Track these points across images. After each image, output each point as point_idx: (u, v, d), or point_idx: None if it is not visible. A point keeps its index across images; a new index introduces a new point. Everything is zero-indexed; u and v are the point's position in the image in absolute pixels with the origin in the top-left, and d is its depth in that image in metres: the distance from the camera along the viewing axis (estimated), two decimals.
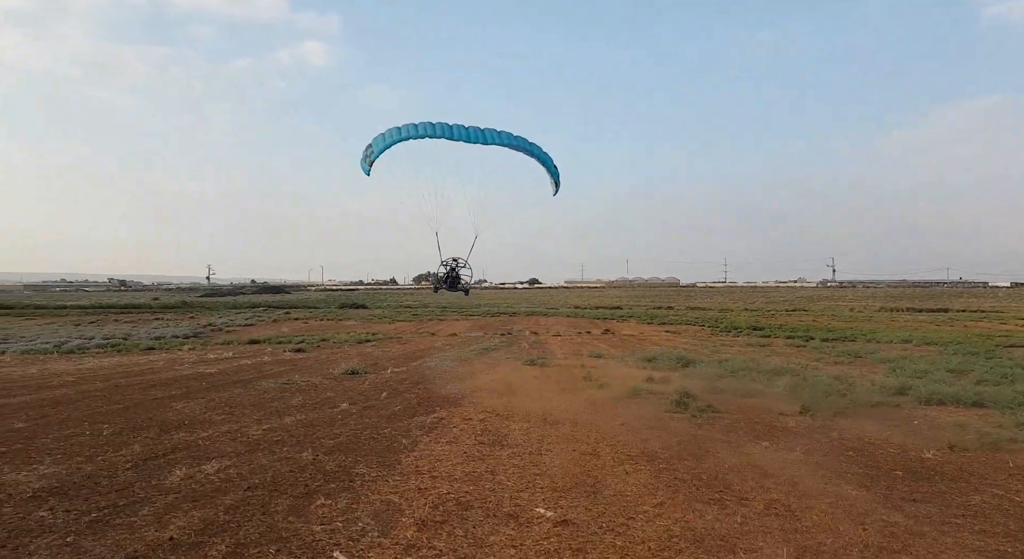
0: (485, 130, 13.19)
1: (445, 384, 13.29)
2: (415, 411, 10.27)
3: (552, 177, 14.76)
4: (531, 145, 13.99)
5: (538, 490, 6.17)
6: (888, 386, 12.43)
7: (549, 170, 14.59)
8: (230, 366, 16.59)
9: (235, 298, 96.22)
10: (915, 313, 57.97)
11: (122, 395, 11.80)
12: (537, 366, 16.75)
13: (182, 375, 14.76)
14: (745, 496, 6.04)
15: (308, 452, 7.53)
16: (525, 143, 13.78)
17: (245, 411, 10.21)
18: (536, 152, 14.12)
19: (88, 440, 8.13)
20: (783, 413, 10.33)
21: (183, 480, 6.39)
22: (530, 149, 13.97)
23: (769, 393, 12.09)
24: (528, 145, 13.90)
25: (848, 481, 6.56)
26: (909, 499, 6.00)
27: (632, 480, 6.54)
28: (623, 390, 12.41)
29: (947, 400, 11.20)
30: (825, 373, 14.64)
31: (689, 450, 7.83)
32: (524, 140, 13.76)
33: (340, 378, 14.12)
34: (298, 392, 12.14)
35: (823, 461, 7.38)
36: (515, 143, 13.59)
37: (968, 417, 9.97)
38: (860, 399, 11.16)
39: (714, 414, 10.16)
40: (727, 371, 14.78)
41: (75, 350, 21.78)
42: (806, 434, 8.83)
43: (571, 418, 9.77)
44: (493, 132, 13.27)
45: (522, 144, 13.71)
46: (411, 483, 6.35)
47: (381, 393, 12.03)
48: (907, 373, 15.09)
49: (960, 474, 6.87)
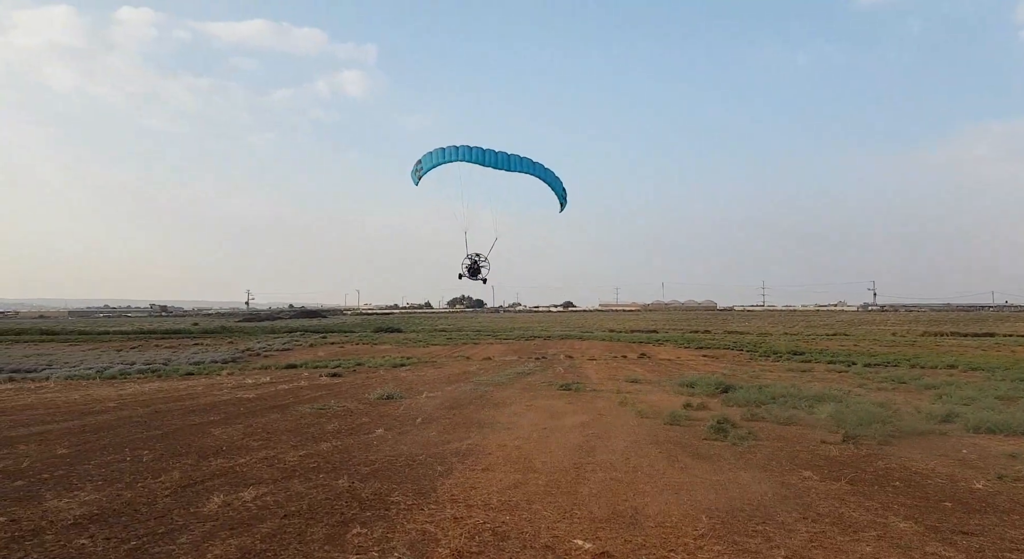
0: (510, 157, 15.62)
1: (480, 409, 13.28)
2: (450, 437, 10.27)
3: (558, 197, 17.02)
4: (542, 171, 16.27)
5: (576, 520, 6.09)
6: (934, 413, 12.02)
7: (556, 191, 16.86)
8: (267, 391, 16.86)
9: (273, 323, 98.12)
10: (960, 337, 56.01)
11: (162, 421, 12.06)
12: (572, 391, 16.63)
13: (220, 400, 15.04)
14: (789, 527, 5.87)
15: (344, 479, 7.58)
16: (537, 169, 16.18)
17: (282, 437, 10.34)
18: (545, 177, 16.42)
19: (128, 466, 8.32)
20: (825, 441, 10.04)
21: (221, 507, 6.48)
22: (540, 175, 16.33)
23: (811, 420, 11.78)
24: (539, 171, 16.19)
25: (895, 513, 6.33)
26: (960, 531, 5.75)
27: (672, 510, 6.41)
28: (661, 417, 12.23)
29: (996, 428, 10.75)
30: (868, 400, 14.21)
31: (730, 480, 7.65)
32: (538, 166, 16.18)
33: (375, 403, 14.23)
34: (334, 417, 12.26)
35: (869, 491, 7.14)
36: (527, 169, 16.01)
37: (1020, 446, 9.54)
38: (905, 427, 10.80)
39: (755, 442, 9.93)
40: (767, 397, 14.46)
41: (117, 375, 22.43)
42: (850, 463, 8.56)
43: (608, 445, 9.66)
44: (516, 159, 15.76)
45: (533, 170, 16.12)
46: (447, 512, 6.33)
47: (416, 419, 12.07)
48: (954, 400, 14.57)
49: (1013, 506, 6.57)
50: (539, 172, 16.15)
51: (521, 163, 15.74)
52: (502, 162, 15.49)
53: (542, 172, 16.21)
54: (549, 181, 16.46)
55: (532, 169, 15.96)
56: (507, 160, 15.52)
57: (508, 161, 15.53)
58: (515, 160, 15.60)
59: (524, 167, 15.84)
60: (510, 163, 15.59)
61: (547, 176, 16.37)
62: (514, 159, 15.60)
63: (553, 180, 16.49)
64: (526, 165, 15.83)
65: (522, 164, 15.77)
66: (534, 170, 16.02)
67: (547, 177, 16.37)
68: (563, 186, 16.79)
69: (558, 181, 16.63)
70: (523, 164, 15.79)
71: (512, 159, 15.57)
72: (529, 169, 15.91)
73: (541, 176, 16.25)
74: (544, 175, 16.29)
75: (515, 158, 15.62)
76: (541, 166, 16.12)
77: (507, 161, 15.53)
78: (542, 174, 16.24)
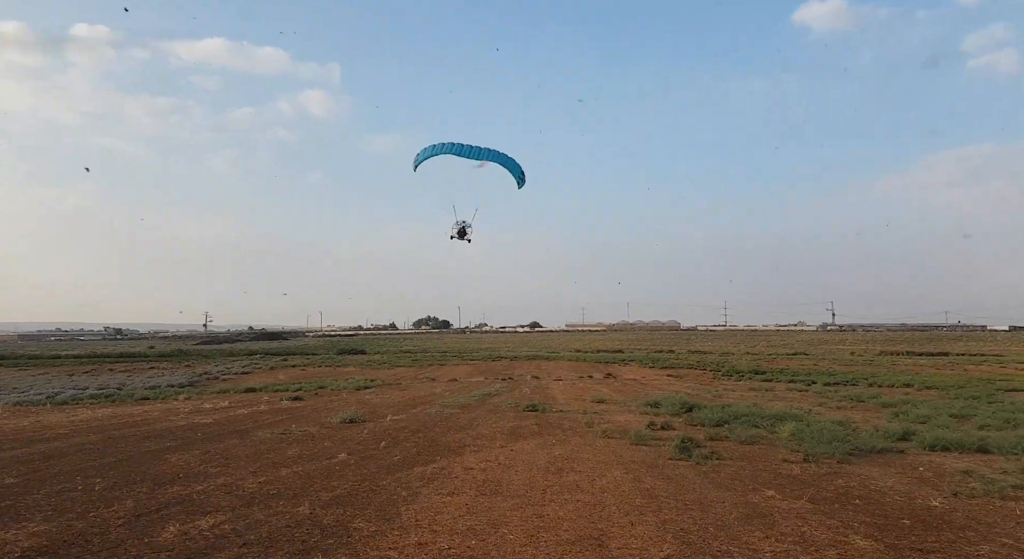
0: (480, 149, 20.47)
1: (446, 432, 13.13)
2: (415, 461, 10.11)
3: (516, 178, 21.29)
4: (504, 158, 20.86)
5: (542, 543, 6.03)
6: (891, 432, 12.30)
7: (514, 173, 21.22)
8: (226, 416, 16.41)
9: (232, 345, 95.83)
10: (915, 357, 57.76)
11: (115, 447, 11.63)
12: (539, 412, 16.58)
13: (177, 426, 14.58)
14: (753, 547, 5.91)
15: (305, 506, 7.39)
16: (500, 157, 20.74)
17: (240, 463, 10.05)
18: (506, 163, 20.92)
19: (80, 495, 7.98)
20: (787, 460, 10.19)
21: (177, 537, 6.25)
22: (502, 161, 20.87)
23: (773, 439, 11.96)
24: (501, 159, 20.78)
25: (855, 531, 6.43)
26: (917, 549, 5.87)
27: (638, 532, 6.40)
28: (627, 437, 12.26)
29: (951, 446, 11.05)
30: (828, 418, 14.50)
31: (695, 500, 7.70)
32: (501, 155, 20.77)
33: (338, 427, 13.95)
34: (295, 442, 11.97)
35: (829, 510, 7.25)
36: (492, 157, 20.54)
37: (973, 463, 9.84)
38: (864, 445, 11.04)
39: (718, 461, 10.02)
40: (730, 416, 14.64)
41: (68, 401, 21.58)
42: (811, 482, 8.70)
43: (575, 467, 9.63)
44: (485, 150, 20.53)
45: (497, 158, 20.70)
46: (411, 537, 6.21)
47: (380, 442, 11.86)
48: (910, 418, 14.97)
49: (968, 523, 6.74)
50: (501, 159, 20.81)
51: (488, 153, 20.46)
52: (475, 153, 20.36)
53: (504, 159, 20.85)
54: (509, 166, 20.98)
55: (497, 157, 20.69)
56: (478, 151, 20.41)
57: (479, 152, 20.41)
58: (484, 151, 20.46)
59: (491, 156, 20.49)
60: (480, 154, 20.32)
61: (508, 162, 20.94)
62: (484, 151, 20.46)
63: (513, 165, 21.04)
64: (493, 155, 20.54)
65: (489, 154, 20.47)
66: (498, 158, 20.72)
67: (508, 163, 20.94)
68: (521, 169, 21.24)
69: (517, 165, 21.14)
70: (490, 154, 20.48)
71: (482, 151, 20.43)
72: (494, 157, 20.63)
73: (503, 163, 20.88)
74: (505, 162, 20.91)
75: (484, 150, 20.49)
76: (504, 155, 20.85)
77: (478, 152, 20.40)
78: (503, 161, 20.87)
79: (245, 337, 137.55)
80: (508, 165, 20.94)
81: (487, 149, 20.50)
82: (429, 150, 20.48)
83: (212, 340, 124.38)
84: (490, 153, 20.48)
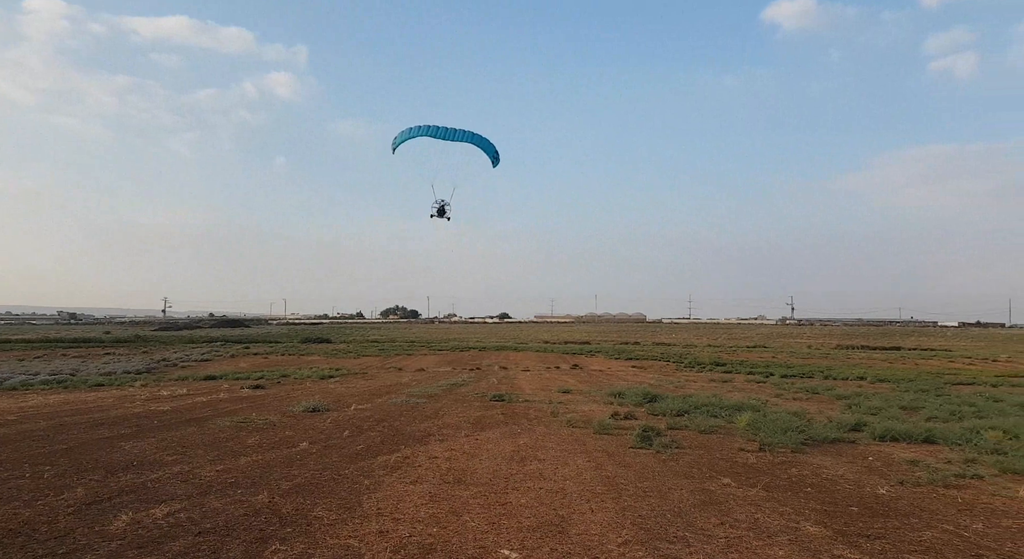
0: (456, 131, 21.34)
1: (411, 422, 13.09)
2: (379, 450, 10.07)
3: (490, 157, 22.42)
4: (479, 139, 21.76)
5: (504, 530, 6.08)
6: (844, 422, 12.69)
7: (488, 153, 22.30)
8: (184, 403, 16.07)
9: (192, 332, 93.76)
10: (869, 351, 59.62)
11: (67, 434, 11.31)
12: (505, 402, 16.64)
13: (132, 413, 14.23)
14: (709, 533, 6.06)
15: (264, 494, 7.30)
16: (475, 138, 21.70)
17: (198, 451, 9.87)
18: (480, 143, 21.81)
19: (28, 483, 7.74)
20: (744, 449, 10.45)
21: (129, 525, 6.12)
22: (476, 142, 21.79)
23: (731, 429, 12.24)
24: (476, 139, 21.71)
25: (806, 517, 6.64)
26: (864, 535, 6.09)
27: (598, 518, 6.50)
28: (591, 426, 12.40)
29: (900, 437, 11.46)
30: (784, 409, 14.89)
31: (654, 487, 7.85)
32: (475, 136, 21.72)
33: (300, 416, 13.78)
34: (255, 431, 11.80)
35: (782, 497, 7.46)
36: (468, 139, 21.53)
37: (920, 453, 10.23)
38: (818, 435, 11.37)
39: (678, 450, 10.22)
40: (691, 406, 14.92)
41: (18, 387, 20.82)
42: (766, 470, 8.94)
43: (538, 456, 9.71)
44: (460, 132, 21.45)
45: (472, 139, 21.65)
46: (372, 526, 6.19)
47: (343, 431, 11.77)
48: (862, 410, 15.45)
49: (912, 510, 7.02)
50: (476, 140, 21.75)
51: (463, 135, 21.51)
52: (451, 135, 21.27)
53: (478, 140, 21.79)
54: (483, 146, 21.99)
55: (471, 138, 21.67)
56: (454, 133, 21.30)
57: (455, 134, 21.31)
58: (459, 133, 21.44)
59: (465, 137, 21.54)
60: (455, 135, 21.28)
61: (482, 143, 21.88)
62: (459, 132, 21.46)
63: (487, 145, 22.09)
64: (468, 136, 21.59)
65: (464, 135, 21.50)
66: (472, 139, 21.67)
67: (482, 143, 21.89)
68: (495, 149, 22.34)
69: (491, 145, 22.22)
70: (465, 135, 21.53)
71: (457, 132, 21.40)
72: (469, 138, 21.63)
73: (477, 143, 21.80)
74: (479, 142, 21.81)
75: (459, 131, 21.46)
76: (479, 135, 21.87)
77: (454, 134, 21.30)
78: (478, 141, 21.81)
79: (205, 324, 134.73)
80: (482, 145, 21.93)
81: (462, 131, 21.40)
82: (406, 133, 21.48)
83: (171, 326, 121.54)
84: (465, 134, 21.46)
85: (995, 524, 6.51)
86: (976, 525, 6.45)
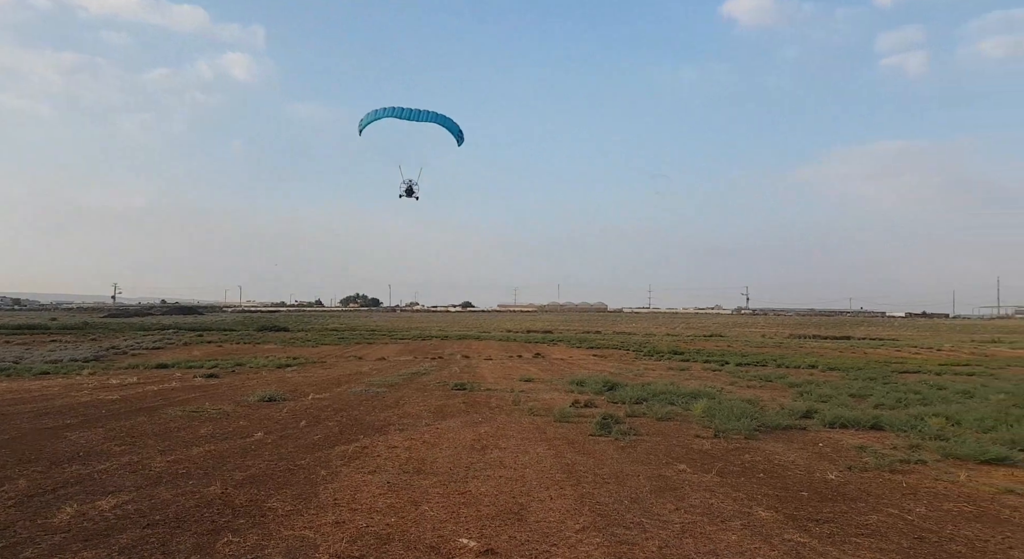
0: (420, 111, 21.69)
1: (370, 411, 12.96)
2: (336, 440, 9.93)
3: (455, 136, 22.80)
4: (443, 119, 22.06)
5: (463, 519, 6.06)
6: (796, 410, 13.06)
7: (453, 132, 22.63)
8: (134, 392, 15.59)
9: (143, 319, 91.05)
10: (821, 340, 61.57)
11: (9, 424, 10.85)
12: (467, 391, 16.62)
13: (79, 402, 13.74)
14: (664, 518, 6.16)
15: (216, 485, 7.12)
16: (439, 118, 21.98)
17: (148, 441, 9.58)
18: (444, 123, 22.18)
19: None
20: (699, 435, 10.67)
21: (74, 518, 5.90)
22: (441, 122, 22.11)
23: (687, 416, 12.48)
24: (440, 119, 22.00)
25: (759, 503, 6.81)
26: (814, 519, 6.28)
27: (556, 505, 6.54)
28: (551, 415, 12.48)
29: (849, 423, 11.86)
30: (738, 397, 15.25)
31: (612, 474, 7.94)
32: (439, 116, 21.99)
33: (255, 406, 13.50)
34: (208, 421, 11.51)
35: (736, 483, 7.64)
36: (432, 119, 21.85)
37: (867, 440, 10.59)
38: (770, 422, 11.68)
39: (636, 437, 10.37)
40: (649, 394, 15.16)
41: None
42: (720, 456, 9.14)
43: (499, 444, 9.72)
44: (424, 112, 21.76)
45: (436, 119, 21.94)
46: (328, 516, 6.10)
47: (300, 421, 11.58)
48: (813, 397, 15.93)
49: (860, 495, 7.27)
50: (440, 120, 22.06)
51: (428, 115, 21.74)
52: (416, 115, 21.63)
53: (443, 120, 22.11)
54: (448, 126, 22.34)
55: (436, 118, 21.91)
56: (419, 114, 21.65)
57: (420, 114, 21.65)
58: (423, 113, 21.68)
59: (430, 117, 21.79)
60: (420, 115, 21.59)
61: (446, 122, 22.24)
62: (424, 112, 21.69)
63: (451, 125, 22.40)
64: (432, 116, 21.82)
65: (428, 116, 21.74)
66: (437, 119, 21.95)
67: (447, 123, 22.25)
68: (459, 128, 22.68)
69: (455, 124, 22.54)
70: (429, 116, 21.76)
71: (422, 113, 21.66)
72: (434, 119, 21.87)
73: (442, 123, 22.15)
74: (444, 121, 22.17)
75: (424, 112, 21.70)
76: (443, 115, 22.14)
77: (419, 114, 21.64)
78: (442, 121, 22.14)
79: (157, 310, 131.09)
80: (447, 124, 22.38)
81: (427, 111, 21.78)
82: (372, 115, 21.86)
83: (121, 313, 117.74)
84: (429, 115, 21.85)
85: (937, 508, 6.78)
86: (919, 509, 6.71)
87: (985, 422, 11.68)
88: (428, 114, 21.78)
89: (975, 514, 6.56)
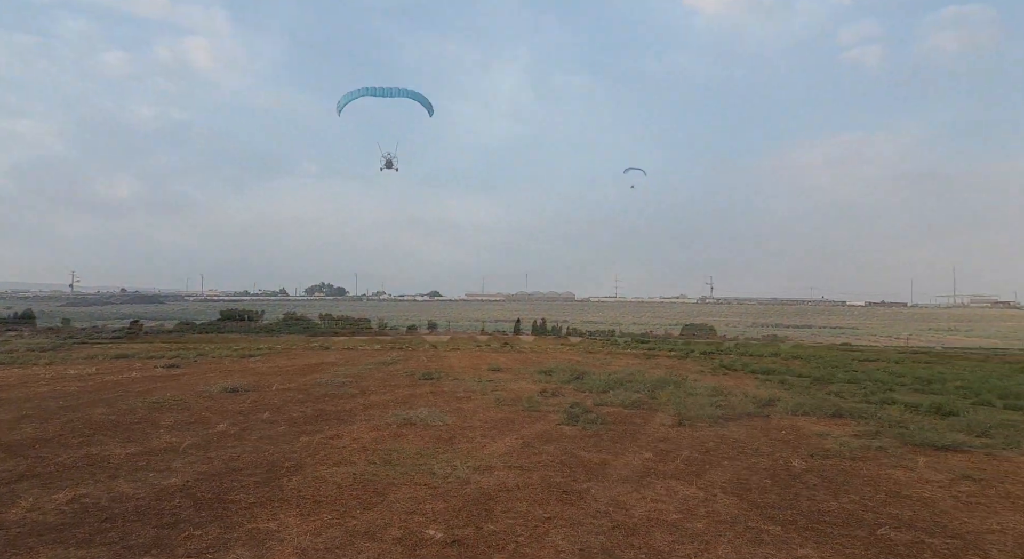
0: (392, 89, 24.81)
1: (336, 402, 12.82)
2: (301, 431, 9.80)
3: (426, 108, 25.85)
4: (415, 94, 25.28)
5: (429, 512, 6.04)
6: (759, 397, 13.35)
7: (424, 105, 25.72)
8: (93, 383, 15.16)
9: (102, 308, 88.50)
10: (783, 328, 62.96)
11: None
12: (434, 381, 16.56)
13: (36, 393, 13.30)
14: (630, 507, 6.23)
15: (177, 478, 6.98)
16: (410, 93, 25.22)
17: (107, 433, 9.33)
18: (416, 97, 25.44)
19: None
20: (664, 423, 10.82)
21: (28, 512, 5.73)
22: (414, 97, 25.35)
23: (653, 404, 12.64)
24: (412, 94, 25.23)
25: (723, 490, 6.94)
26: (777, 506, 6.43)
27: (523, 496, 6.57)
28: (519, 404, 12.51)
29: (810, 411, 12.16)
30: (703, 385, 15.51)
31: (579, 463, 8.00)
32: (410, 92, 25.43)
33: (218, 396, 13.24)
34: (169, 411, 11.26)
35: (701, 470, 7.78)
36: (404, 94, 24.91)
37: (828, 427, 10.88)
38: (734, 410, 11.91)
39: (603, 426, 10.46)
40: (615, 383, 15.31)
41: None
42: (686, 444, 9.28)
43: (467, 434, 9.71)
44: (396, 89, 24.87)
45: (408, 94, 25.15)
46: (292, 509, 6.03)
47: (264, 412, 11.39)
48: (775, 385, 16.30)
49: (821, 481, 7.45)
50: (413, 95, 25.19)
51: (401, 91, 24.73)
52: (390, 93, 24.47)
53: (415, 95, 25.28)
54: (420, 100, 25.35)
55: (408, 94, 24.94)
56: (392, 91, 24.45)
57: (393, 91, 24.42)
58: (396, 90, 24.63)
59: (403, 93, 24.77)
60: (394, 92, 24.51)
61: (418, 97, 25.35)
62: (397, 89, 24.69)
63: (422, 99, 25.56)
64: (404, 92, 24.84)
65: (401, 92, 24.72)
66: (409, 94, 25.00)
67: (418, 97, 25.37)
68: (429, 102, 25.87)
69: (425, 98, 25.80)
70: (402, 92, 24.78)
71: (395, 90, 24.59)
72: (406, 94, 24.88)
73: (414, 97, 25.24)
74: (416, 96, 25.31)
75: (397, 89, 24.73)
76: (415, 91, 25.48)
77: (392, 91, 24.43)
78: (414, 96, 25.23)
79: (117, 300, 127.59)
80: (418, 98, 25.44)
81: (399, 88, 24.64)
82: (349, 95, 24.43)
83: (79, 302, 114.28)
84: (402, 91, 24.71)
85: (896, 493, 7.00)
86: (879, 495, 6.92)
87: (943, 409, 12.11)
88: (401, 90, 24.36)
89: (933, 500, 6.79)
